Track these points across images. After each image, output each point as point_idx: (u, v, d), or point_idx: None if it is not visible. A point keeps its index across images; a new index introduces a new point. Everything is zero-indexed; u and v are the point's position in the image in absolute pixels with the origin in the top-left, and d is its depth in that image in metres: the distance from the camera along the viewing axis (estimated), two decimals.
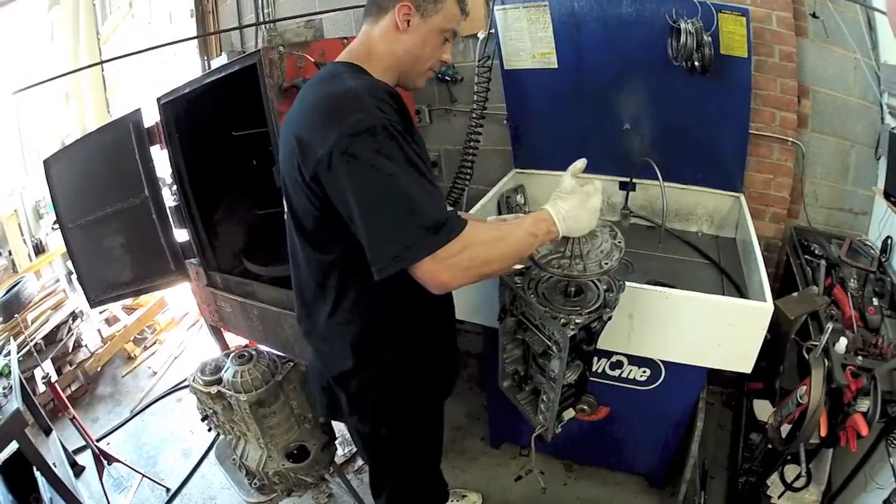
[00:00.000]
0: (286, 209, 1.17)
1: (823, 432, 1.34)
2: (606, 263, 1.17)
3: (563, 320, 1.19)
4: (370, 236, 0.95)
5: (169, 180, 2.04)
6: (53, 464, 1.93)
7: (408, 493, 1.55)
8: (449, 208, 1.01)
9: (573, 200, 1.11)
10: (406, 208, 0.93)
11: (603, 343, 1.34)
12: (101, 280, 2.16)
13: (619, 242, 1.22)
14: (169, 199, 2.07)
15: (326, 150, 0.93)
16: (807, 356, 1.39)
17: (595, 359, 1.58)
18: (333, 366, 1.25)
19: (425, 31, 1.11)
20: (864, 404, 1.29)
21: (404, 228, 0.93)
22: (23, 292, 3.56)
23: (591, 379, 1.47)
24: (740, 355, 1.47)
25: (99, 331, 3.64)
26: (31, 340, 3.16)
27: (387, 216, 0.94)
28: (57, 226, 2.19)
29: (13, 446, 1.84)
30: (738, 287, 1.76)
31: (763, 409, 1.81)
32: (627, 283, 1.33)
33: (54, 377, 2.94)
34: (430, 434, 1.48)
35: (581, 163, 1.16)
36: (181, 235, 2.10)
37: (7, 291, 3.49)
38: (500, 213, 2.27)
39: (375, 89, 1.01)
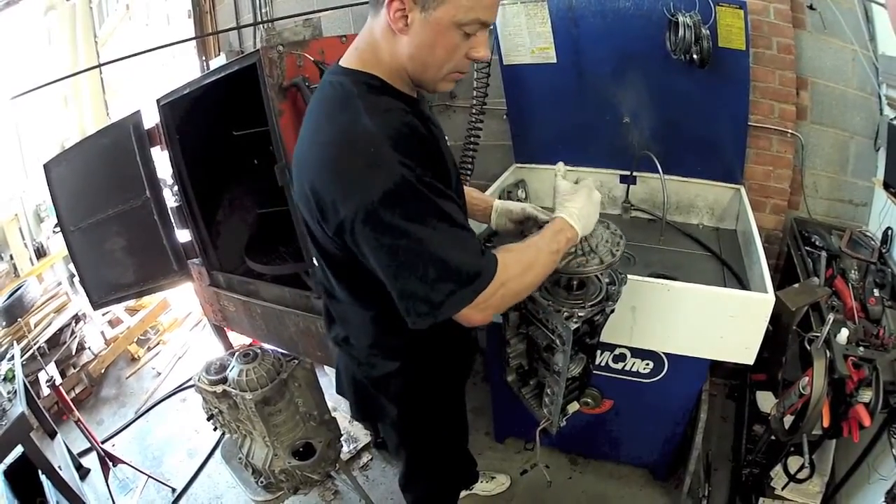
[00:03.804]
0: (310, 243, 1.08)
1: (826, 423, 1.35)
2: (616, 251, 1.18)
3: (566, 314, 1.19)
4: (401, 296, 0.91)
5: (170, 181, 2.04)
6: (59, 467, 1.92)
7: (441, 483, 1.59)
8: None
9: (580, 198, 1.11)
10: (439, 269, 0.87)
11: (606, 336, 1.34)
12: (104, 282, 2.16)
13: (616, 231, 1.24)
14: (170, 199, 2.07)
15: (347, 215, 0.86)
16: (809, 347, 1.40)
17: (598, 352, 1.58)
18: (375, 369, 1.23)
19: (431, 29, 0.86)
20: (866, 395, 1.30)
21: (437, 289, 0.88)
22: (25, 296, 3.57)
23: (595, 372, 1.48)
24: (742, 347, 1.48)
25: (102, 333, 3.64)
26: (35, 344, 3.17)
27: (418, 279, 0.88)
28: (58, 229, 2.20)
29: (18, 450, 1.84)
30: (739, 279, 1.76)
31: (766, 401, 1.82)
32: (630, 276, 1.34)
33: (58, 380, 2.94)
34: (462, 416, 1.54)
35: (561, 165, 1.17)
36: (183, 236, 2.10)
37: (9, 296, 3.51)
38: None
39: (394, 127, 0.87)
